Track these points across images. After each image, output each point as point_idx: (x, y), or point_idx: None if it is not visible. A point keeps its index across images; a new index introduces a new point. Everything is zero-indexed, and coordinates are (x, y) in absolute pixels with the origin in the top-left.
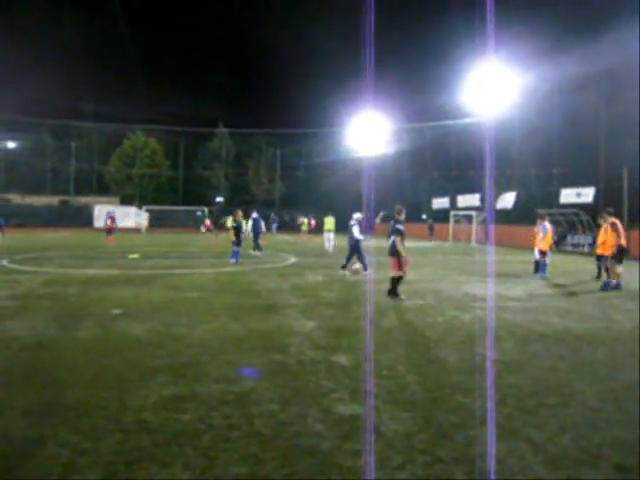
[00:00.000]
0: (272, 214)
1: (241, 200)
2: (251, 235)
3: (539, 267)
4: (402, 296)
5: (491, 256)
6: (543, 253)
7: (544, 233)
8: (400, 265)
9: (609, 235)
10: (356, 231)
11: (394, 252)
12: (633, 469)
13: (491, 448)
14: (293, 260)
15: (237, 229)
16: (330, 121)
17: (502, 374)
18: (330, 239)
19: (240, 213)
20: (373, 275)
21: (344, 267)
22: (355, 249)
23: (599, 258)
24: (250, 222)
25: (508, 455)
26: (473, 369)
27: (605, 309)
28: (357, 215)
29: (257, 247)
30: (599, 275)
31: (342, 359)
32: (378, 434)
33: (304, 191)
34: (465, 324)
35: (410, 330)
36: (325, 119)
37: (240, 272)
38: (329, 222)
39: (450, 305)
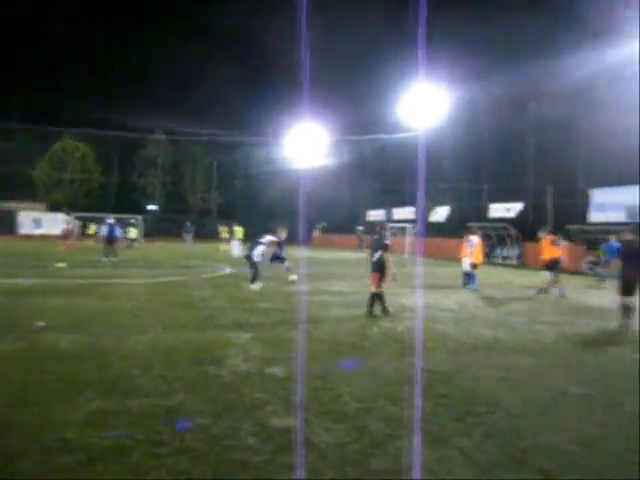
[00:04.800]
0: (187, 223)
1: (177, 209)
2: (104, 241)
3: (469, 279)
4: (375, 310)
5: (421, 268)
6: (474, 265)
7: (472, 247)
8: (379, 280)
9: (548, 248)
10: (259, 251)
11: (378, 267)
12: (555, 473)
13: (417, 458)
14: (228, 270)
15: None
16: (269, 131)
17: (434, 384)
18: (236, 246)
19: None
20: (259, 288)
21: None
22: (254, 265)
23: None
24: (104, 228)
25: (438, 464)
26: (405, 379)
27: (532, 320)
28: (269, 237)
29: (109, 253)
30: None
31: (277, 370)
32: (311, 446)
33: (242, 201)
34: (399, 335)
35: (345, 341)
36: (264, 129)
37: (174, 283)
38: (238, 232)
39: (385, 316)
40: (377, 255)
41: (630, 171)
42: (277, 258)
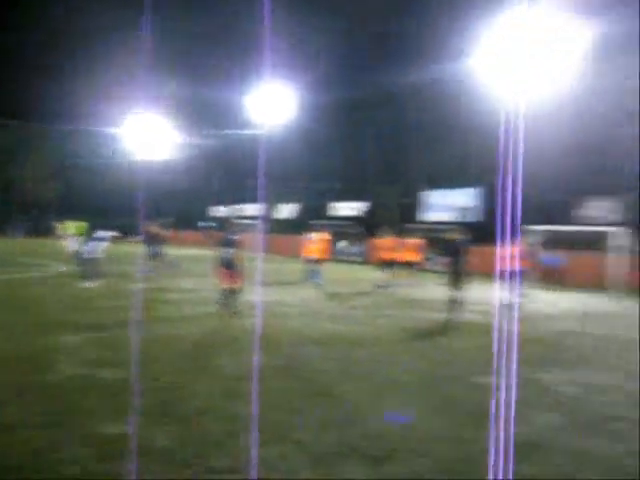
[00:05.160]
0: (16, 216)
1: (8, 200)
2: None
3: (313, 274)
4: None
5: (267, 265)
6: (318, 261)
7: (314, 243)
8: (233, 277)
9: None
10: (93, 247)
11: (229, 264)
12: (385, 459)
13: (254, 453)
14: (64, 268)
15: None
16: (110, 122)
17: (276, 379)
18: (72, 242)
19: None
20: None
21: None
22: (85, 261)
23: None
24: None
25: (277, 458)
26: (247, 376)
27: (371, 314)
28: (102, 233)
29: None
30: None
31: (111, 374)
32: (148, 451)
33: (80, 194)
34: (244, 331)
35: (185, 339)
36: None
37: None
38: (72, 227)
39: (233, 314)
40: (226, 252)
41: (461, 175)
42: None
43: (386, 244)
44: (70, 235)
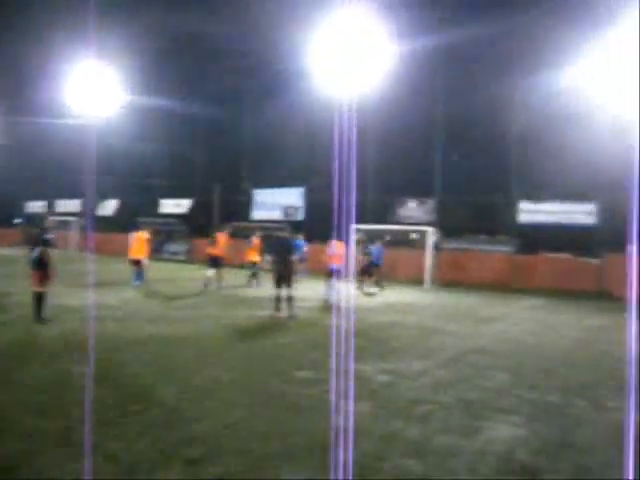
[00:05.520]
0: None
1: None
2: None
3: (135, 275)
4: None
5: (89, 264)
6: (137, 262)
7: (135, 242)
8: (44, 279)
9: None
10: None
11: (38, 265)
12: (201, 461)
13: (55, 472)
14: None
15: None
16: None
17: (88, 387)
18: None
19: None
20: None
21: None
22: None
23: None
24: None
25: (85, 473)
26: (53, 387)
27: (193, 314)
28: None
29: None
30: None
31: None
32: None
33: None
34: (53, 338)
35: None
36: None
37: None
38: None
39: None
40: (36, 251)
41: (287, 174)
42: None
43: (216, 242)
44: None
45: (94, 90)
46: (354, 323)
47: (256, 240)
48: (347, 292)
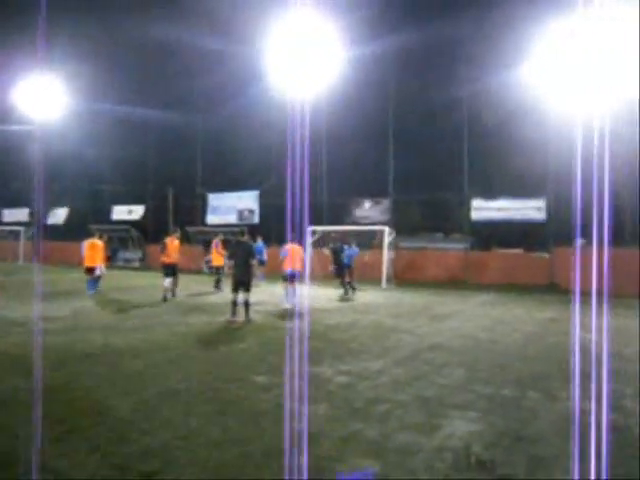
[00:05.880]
0: None
1: None
2: None
3: (88, 284)
4: None
5: (37, 275)
6: (89, 270)
7: (91, 249)
8: None
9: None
10: None
11: None
12: (155, 473)
13: None
14: None
15: None
16: None
17: (34, 404)
18: None
19: None
20: None
21: None
22: None
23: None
24: None
25: None
26: (1, 404)
27: (147, 323)
28: None
29: None
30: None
31: None
32: None
33: None
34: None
35: None
36: None
37: None
38: None
39: None
40: None
41: (242, 178)
42: None
43: (165, 248)
44: None
45: (41, 96)
46: (311, 325)
47: (219, 243)
48: (303, 294)
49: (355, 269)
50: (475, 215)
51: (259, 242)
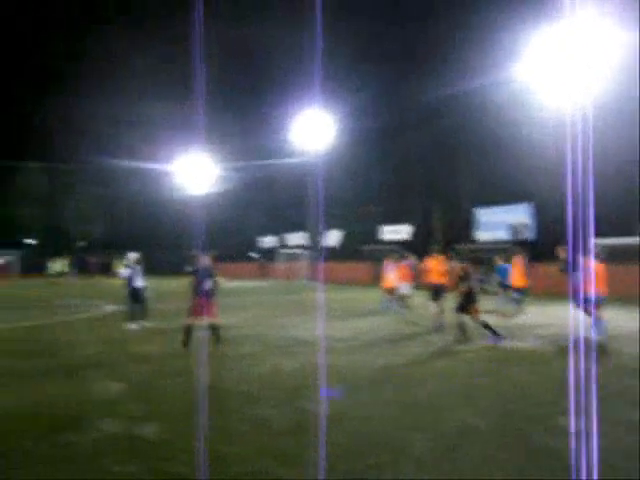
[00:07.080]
0: (71, 258)
1: (56, 242)
2: None
3: (390, 304)
4: None
5: (321, 294)
6: (391, 290)
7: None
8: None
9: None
10: (124, 273)
11: (211, 295)
12: None
13: None
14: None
15: None
16: (156, 158)
17: (332, 431)
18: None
19: None
20: None
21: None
22: (133, 296)
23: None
24: None
25: None
26: (297, 428)
27: (432, 348)
28: (133, 256)
29: None
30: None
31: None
32: None
33: (127, 231)
34: (292, 373)
35: (224, 385)
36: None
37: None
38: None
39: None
40: (208, 282)
41: (512, 190)
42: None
43: (427, 269)
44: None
45: (312, 129)
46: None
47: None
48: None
49: None
50: None
51: (500, 263)
